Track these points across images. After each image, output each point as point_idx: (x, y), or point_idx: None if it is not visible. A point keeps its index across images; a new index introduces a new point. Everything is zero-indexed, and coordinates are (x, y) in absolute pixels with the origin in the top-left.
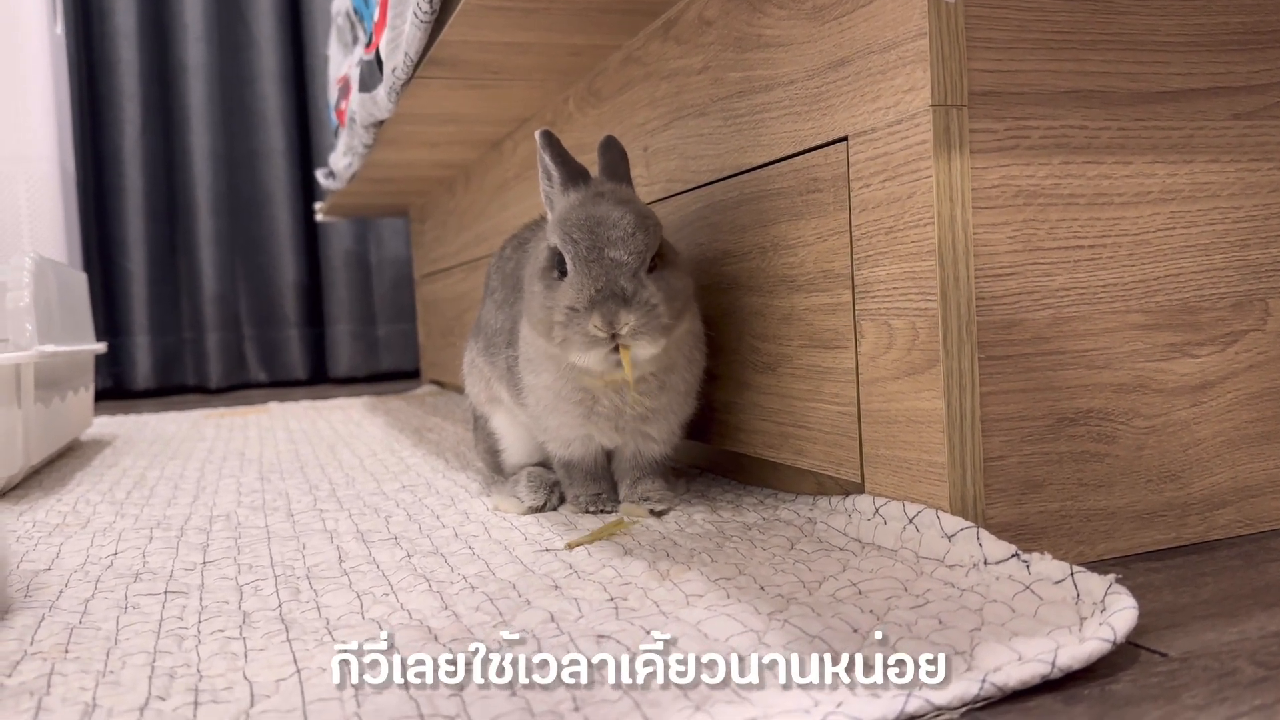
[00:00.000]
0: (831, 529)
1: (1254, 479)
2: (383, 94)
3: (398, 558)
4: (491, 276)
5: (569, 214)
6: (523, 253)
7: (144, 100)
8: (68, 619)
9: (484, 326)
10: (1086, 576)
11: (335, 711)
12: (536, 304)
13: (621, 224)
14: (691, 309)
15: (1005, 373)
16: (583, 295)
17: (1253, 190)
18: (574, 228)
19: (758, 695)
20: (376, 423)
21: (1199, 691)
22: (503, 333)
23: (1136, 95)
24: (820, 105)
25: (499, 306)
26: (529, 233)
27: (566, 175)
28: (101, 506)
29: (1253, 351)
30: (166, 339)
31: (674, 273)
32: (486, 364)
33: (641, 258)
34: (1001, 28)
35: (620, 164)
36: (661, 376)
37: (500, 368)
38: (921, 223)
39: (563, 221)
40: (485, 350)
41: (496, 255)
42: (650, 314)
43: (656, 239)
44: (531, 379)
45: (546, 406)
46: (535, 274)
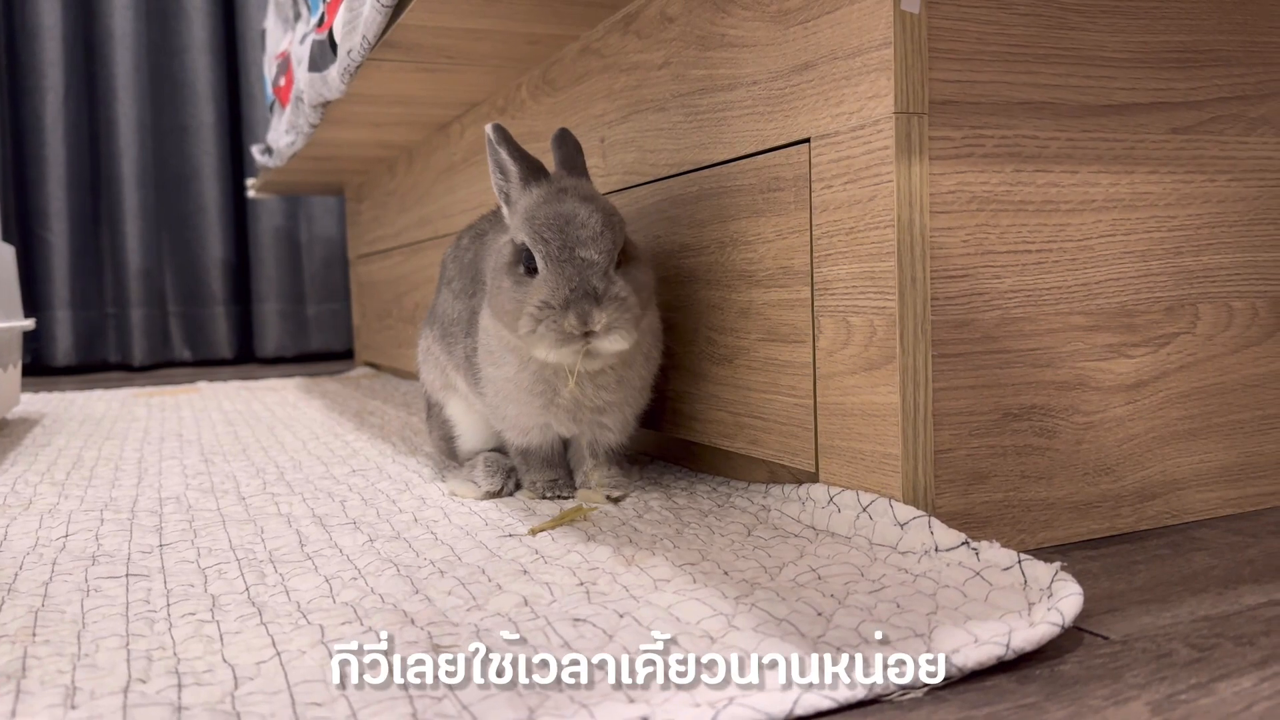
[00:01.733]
0: (786, 516)
1: (1181, 473)
2: (335, 75)
3: (360, 542)
4: (448, 266)
5: (535, 211)
6: (481, 244)
7: (67, 68)
8: (30, 602)
9: (440, 315)
10: (1033, 564)
11: (321, 692)
12: (505, 299)
13: (590, 223)
14: (652, 303)
15: (956, 370)
16: (558, 294)
17: (1187, 201)
18: (544, 226)
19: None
20: (314, 405)
21: (1140, 671)
22: (460, 322)
23: (1084, 108)
24: (783, 107)
25: (456, 296)
26: (486, 224)
27: (525, 170)
28: (42, 487)
29: (1183, 353)
30: (89, 314)
31: (639, 267)
32: (443, 352)
33: (610, 256)
34: (962, 40)
35: (577, 157)
36: (620, 371)
37: (458, 357)
38: (882, 225)
39: (530, 219)
40: (442, 339)
41: (453, 245)
42: (621, 309)
43: (622, 236)
44: (491, 370)
45: (506, 396)
46: (501, 269)
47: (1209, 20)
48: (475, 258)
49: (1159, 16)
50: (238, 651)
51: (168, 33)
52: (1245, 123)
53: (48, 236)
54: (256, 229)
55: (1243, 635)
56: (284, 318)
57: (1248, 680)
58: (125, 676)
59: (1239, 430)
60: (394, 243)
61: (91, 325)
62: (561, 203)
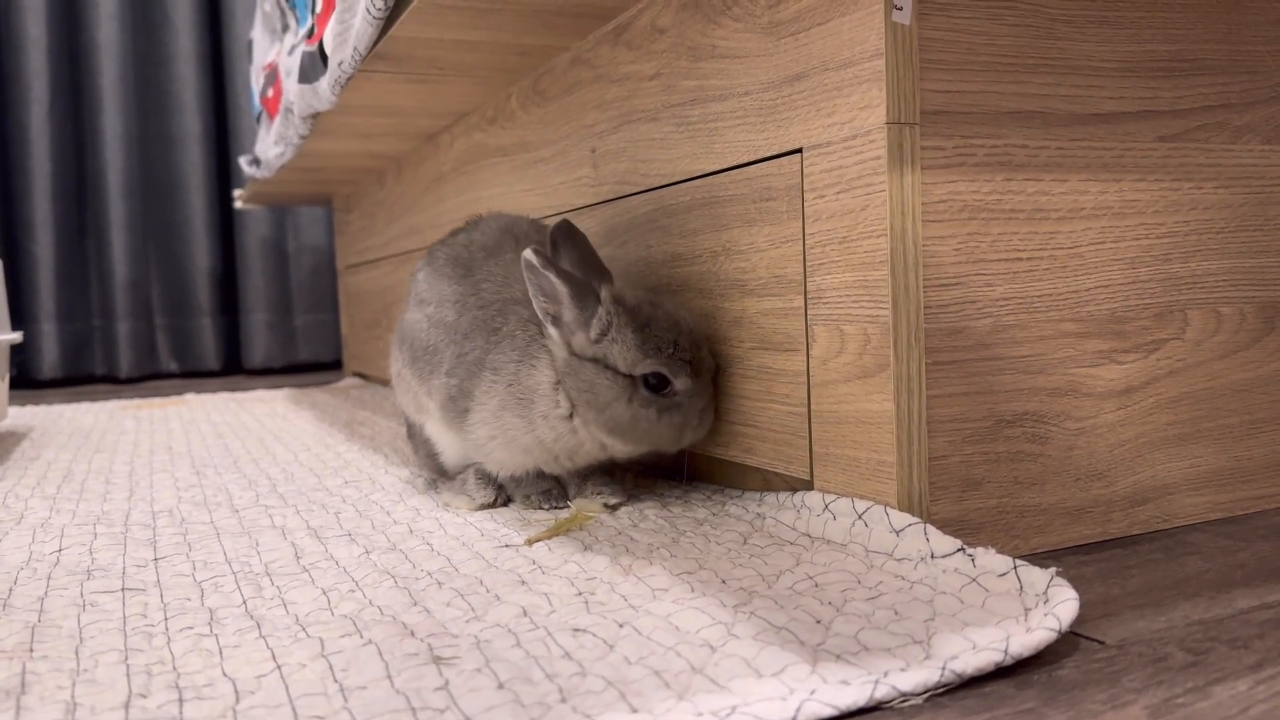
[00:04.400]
0: (781, 524)
1: (1171, 477)
2: (325, 86)
3: (356, 554)
4: (419, 282)
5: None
6: (468, 275)
7: (52, 79)
8: (26, 617)
9: (410, 338)
10: (1029, 570)
11: (323, 705)
12: (632, 415)
13: (696, 329)
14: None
15: (949, 377)
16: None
17: (1174, 208)
18: (670, 344)
19: (736, 684)
20: (304, 416)
21: (1137, 675)
22: (438, 352)
23: (1073, 117)
24: (775, 117)
25: (432, 323)
26: (466, 251)
27: (577, 293)
28: (34, 501)
29: (1172, 359)
30: (75, 326)
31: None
32: (414, 378)
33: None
34: (952, 50)
35: (590, 252)
36: None
37: (436, 390)
38: (875, 234)
39: (642, 345)
40: (412, 364)
41: (425, 263)
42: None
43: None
44: (515, 420)
45: (502, 444)
46: (616, 387)
47: (1194, 30)
48: (463, 291)
49: (1145, 26)
50: (238, 665)
51: (154, 43)
52: (1230, 130)
53: (33, 248)
54: (243, 239)
55: (1237, 638)
56: (271, 328)
57: (1243, 684)
58: (126, 691)
59: (1228, 435)
60: (383, 253)
61: (78, 338)
62: (665, 307)
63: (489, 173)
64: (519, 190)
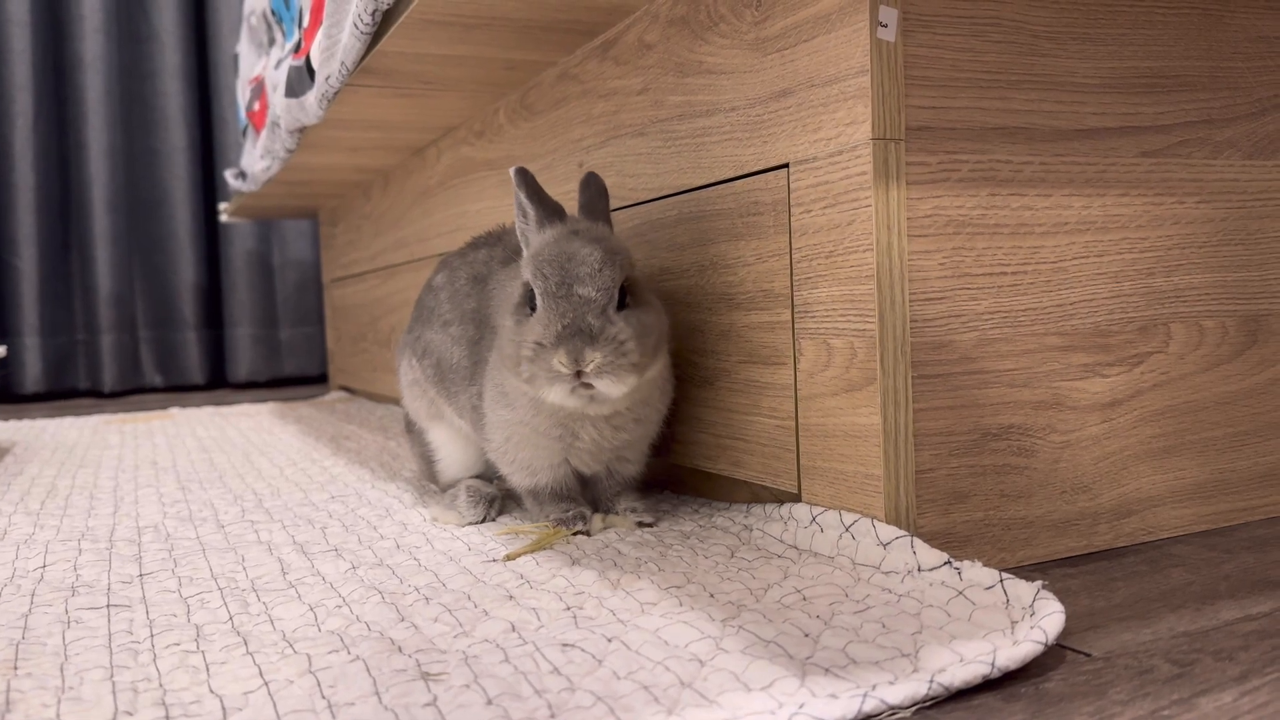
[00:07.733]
0: (769, 536)
1: (1155, 490)
2: (313, 100)
3: (342, 569)
4: (444, 305)
5: (542, 250)
6: (484, 291)
7: (37, 92)
8: (10, 634)
9: (434, 353)
10: (1015, 583)
11: None
12: (506, 339)
13: (590, 260)
14: (663, 349)
15: (935, 390)
16: (549, 331)
17: (1157, 222)
18: (545, 263)
19: (725, 698)
20: (289, 430)
21: (1123, 688)
22: (461, 369)
23: (1056, 132)
24: (762, 133)
25: (455, 341)
26: (485, 267)
27: (543, 213)
28: (17, 517)
29: (1156, 372)
30: (58, 340)
31: (646, 310)
32: (439, 394)
33: (609, 294)
34: (937, 67)
35: (598, 201)
36: (637, 411)
37: (462, 404)
38: (861, 249)
39: (535, 257)
40: (438, 380)
41: (446, 279)
42: (618, 351)
43: (624, 274)
44: (504, 413)
45: (517, 441)
46: (508, 309)
47: (1175, 46)
48: (479, 305)
49: (1127, 43)
50: (224, 682)
51: (139, 57)
52: (1212, 146)
53: (16, 263)
54: (229, 253)
55: (1222, 650)
56: (257, 342)
57: (1228, 695)
58: (112, 709)
59: (1211, 447)
60: (369, 266)
61: (61, 351)
62: (569, 243)
63: (476, 186)
64: (507, 204)
